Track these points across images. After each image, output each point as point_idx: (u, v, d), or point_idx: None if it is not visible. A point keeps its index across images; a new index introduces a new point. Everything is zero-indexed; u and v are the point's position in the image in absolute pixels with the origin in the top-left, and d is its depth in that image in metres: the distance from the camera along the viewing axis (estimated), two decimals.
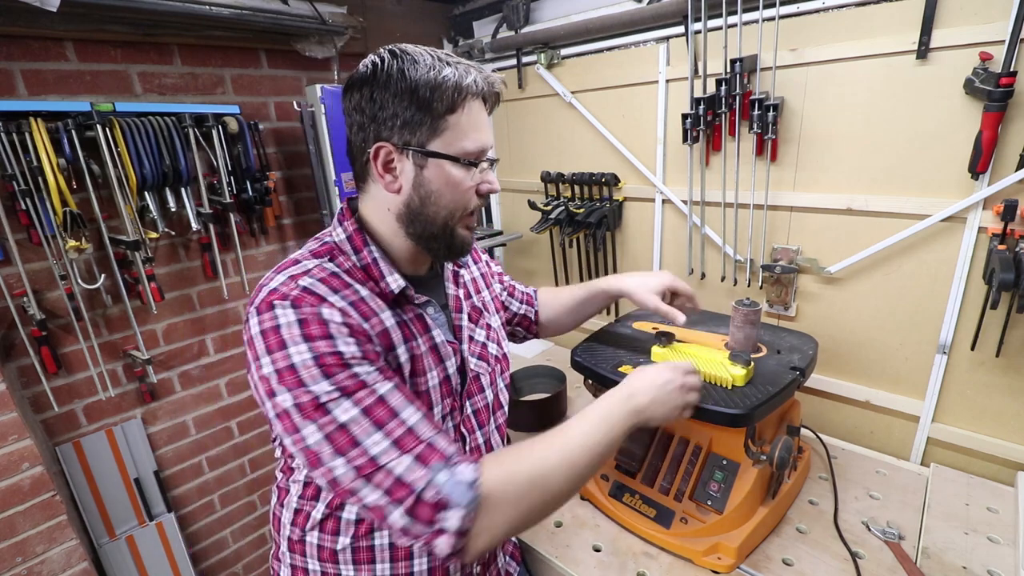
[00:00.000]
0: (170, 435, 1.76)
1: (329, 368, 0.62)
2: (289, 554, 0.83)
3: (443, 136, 0.70)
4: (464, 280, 0.94)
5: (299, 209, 1.94)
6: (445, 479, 0.61)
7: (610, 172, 1.79)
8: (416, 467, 0.61)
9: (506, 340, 1.02)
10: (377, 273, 0.74)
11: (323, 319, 0.64)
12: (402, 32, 2.02)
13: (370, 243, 0.75)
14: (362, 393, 0.63)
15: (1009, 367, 1.19)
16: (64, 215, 1.34)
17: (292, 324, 0.63)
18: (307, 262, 0.72)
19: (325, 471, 0.62)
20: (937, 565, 0.98)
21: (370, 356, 0.66)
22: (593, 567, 1.05)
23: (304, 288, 0.66)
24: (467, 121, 0.70)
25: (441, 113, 0.69)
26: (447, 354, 0.81)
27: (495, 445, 0.92)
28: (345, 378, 0.62)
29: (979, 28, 1.07)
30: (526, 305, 1.19)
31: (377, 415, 0.62)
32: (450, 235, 0.76)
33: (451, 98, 0.68)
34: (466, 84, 0.69)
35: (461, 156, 0.71)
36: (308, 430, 0.61)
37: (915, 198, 1.23)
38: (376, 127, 0.70)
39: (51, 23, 1.30)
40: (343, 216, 0.78)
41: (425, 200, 0.72)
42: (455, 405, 0.83)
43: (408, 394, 0.67)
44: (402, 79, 0.68)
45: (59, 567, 1.42)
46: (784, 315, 1.53)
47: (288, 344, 0.62)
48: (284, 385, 0.62)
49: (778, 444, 1.00)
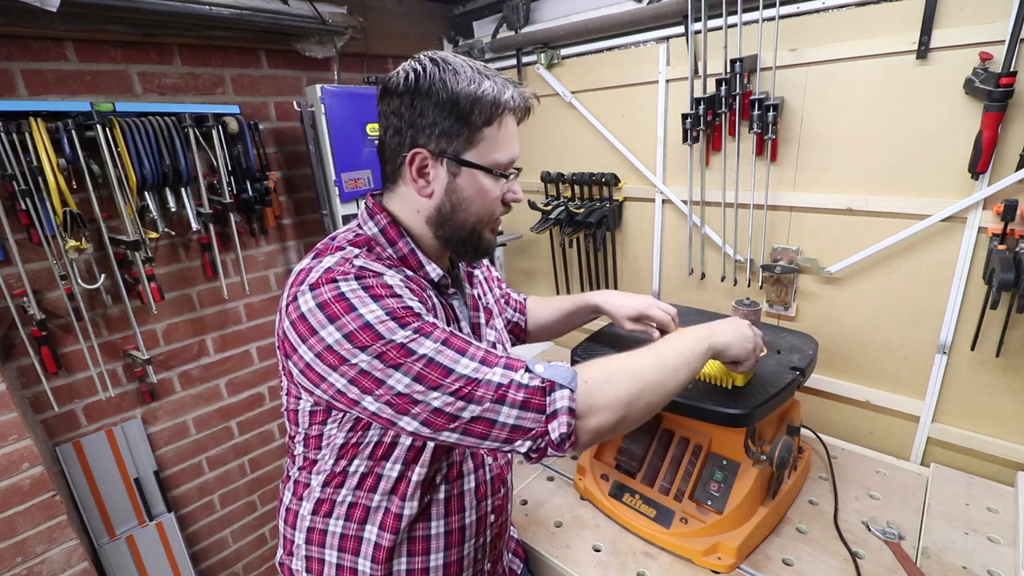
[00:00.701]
0: (170, 435, 1.76)
1: (404, 319, 0.64)
2: (306, 546, 0.83)
3: (479, 147, 0.73)
4: (477, 280, 0.98)
5: (299, 209, 1.94)
6: (543, 369, 0.66)
7: (610, 172, 1.79)
8: (510, 371, 0.65)
9: (508, 343, 1.04)
10: (415, 263, 0.78)
11: (388, 283, 0.68)
12: (402, 32, 2.02)
13: (404, 235, 0.78)
14: (438, 332, 0.66)
15: (1009, 367, 1.19)
16: (64, 215, 1.34)
17: (357, 290, 0.65)
18: (346, 250, 0.73)
19: (420, 410, 0.63)
20: (937, 565, 0.98)
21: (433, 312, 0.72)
22: (593, 567, 1.05)
23: (360, 267, 0.69)
24: (502, 135, 0.74)
25: (479, 125, 0.72)
26: None
27: None
28: (421, 324, 0.65)
29: (979, 28, 1.07)
30: (518, 313, 1.21)
31: (458, 345, 0.66)
32: (477, 239, 0.79)
33: (489, 112, 0.71)
34: (504, 99, 0.72)
35: (493, 167, 0.74)
36: (395, 377, 0.63)
37: (915, 198, 1.23)
38: (414, 133, 0.73)
39: (51, 23, 1.30)
40: (373, 211, 0.79)
41: (456, 206, 0.75)
42: None
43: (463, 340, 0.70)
44: (444, 89, 0.70)
45: (59, 567, 1.42)
46: (784, 315, 1.53)
47: (358, 307, 0.64)
48: (359, 345, 0.63)
49: (778, 444, 1.00)
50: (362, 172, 1.79)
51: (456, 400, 0.63)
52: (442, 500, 0.82)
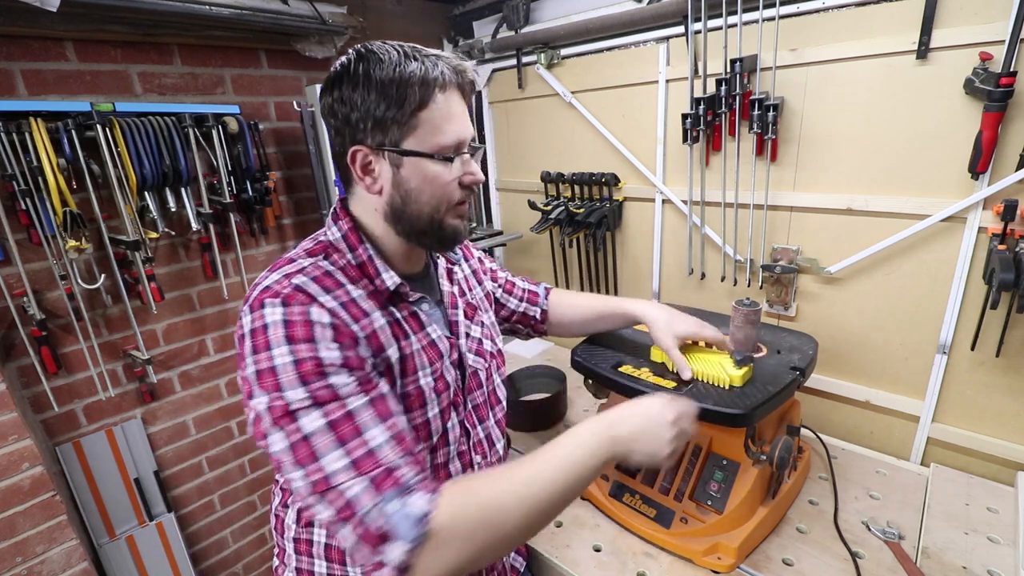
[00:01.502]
0: (170, 435, 1.76)
1: (306, 374, 0.61)
2: (295, 556, 0.83)
3: (416, 133, 0.69)
4: (458, 277, 0.94)
5: (299, 209, 1.94)
6: (395, 509, 0.58)
7: (610, 172, 1.79)
8: (368, 492, 0.59)
9: (499, 336, 1.02)
10: (372, 271, 0.74)
11: (310, 319, 0.63)
12: (402, 32, 2.02)
13: (364, 241, 0.76)
14: (333, 405, 0.61)
15: (1009, 367, 1.19)
16: (64, 215, 1.34)
17: (278, 324, 0.63)
18: (302, 260, 0.72)
19: (286, 480, 0.62)
20: (937, 565, 0.97)
21: (352, 363, 0.65)
22: (593, 567, 1.05)
23: (296, 286, 0.66)
24: (439, 115, 0.69)
25: (412, 110, 0.68)
26: (444, 350, 0.81)
27: (496, 439, 0.94)
28: (320, 387, 0.61)
29: (979, 28, 1.07)
30: (527, 303, 1.16)
31: (342, 431, 0.61)
32: (438, 228, 0.75)
33: (419, 93, 0.67)
34: (432, 77, 0.67)
35: (436, 152, 0.70)
36: (275, 436, 0.61)
37: (915, 198, 1.23)
38: (350, 130, 0.70)
39: (51, 23, 1.30)
40: (337, 216, 0.77)
41: (406, 199, 0.72)
42: (457, 400, 0.84)
43: (385, 408, 0.65)
44: (367, 80, 0.67)
45: (59, 567, 1.42)
46: (784, 315, 1.53)
47: (272, 345, 0.62)
48: (262, 388, 0.62)
49: (778, 444, 1.00)
50: None
51: (312, 492, 0.59)
52: None
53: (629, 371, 1.09)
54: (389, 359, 0.72)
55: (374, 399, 0.65)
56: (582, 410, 1.63)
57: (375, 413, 0.64)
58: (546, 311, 1.17)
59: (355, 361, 0.65)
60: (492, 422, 0.93)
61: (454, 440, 0.83)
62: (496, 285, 1.12)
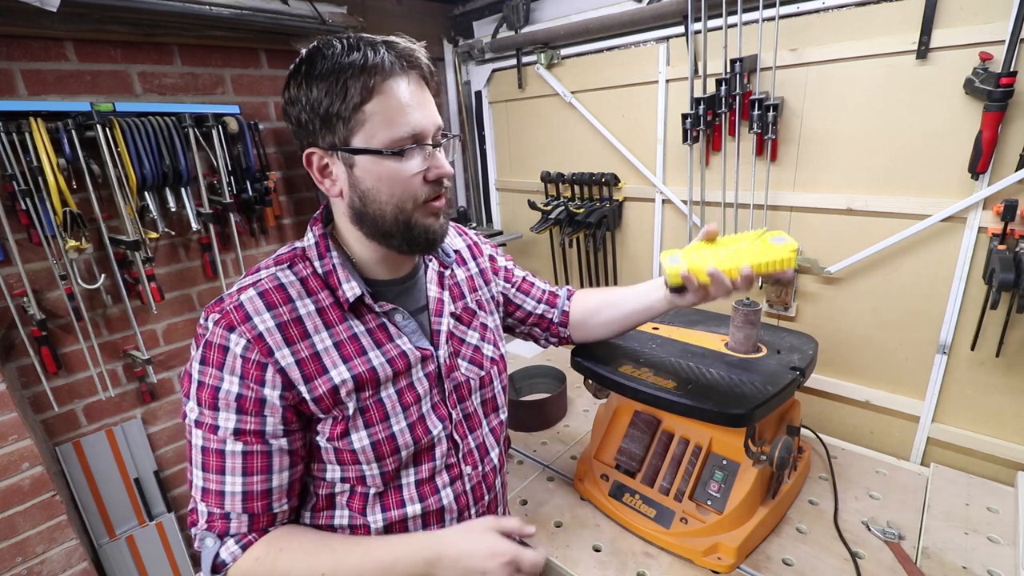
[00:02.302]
0: (170, 435, 1.76)
1: (201, 399, 0.67)
2: None
3: (364, 129, 0.64)
4: (456, 280, 0.89)
5: (299, 209, 1.94)
6: (210, 545, 0.69)
7: (610, 172, 1.79)
8: (204, 517, 0.70)
9: (503, 340, 0.97)
10: (335, 281, 0.72)
11: (226, 346, 0.66)
12: (402, 32, 2.02)
13: (332, 249, 0.73)
14: (212, 436, 0.68)
15: (1009, 367, 1.19)
16: (64, 215, 1.34)
17: (204, 343, 0.68)
18: (264, 271, 0.72)
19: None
20: (937, 565, 0.98)
21: (244, 404, 0.67)
22: (593, 567, 1.05)
23: (239, 303, 0.68)
24: (388, 106, 0.63)
25: (355, 104, 0.62)
26: (415, 361, 0.77)
27: (490, 447, 0.89)
28: (207, 416, 0.67)
29: (979, 28, 1.07)
30: (545, 304, 1.05)
31: (208, 461, 0.68)
32: (406, 228, 0.70)
33: (362, 84, 0.62)
34: (372, 64, 0.61)
35: (387, 147, 0.64)
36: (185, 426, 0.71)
37: (915, 198, 1.23)
38: (303, 132, 0.67)
39: (51, 23, 1.30)
40: (314, 222, 0.76)
41: (364, 199, 0.68)
42: (442, 413, 0.81)
43: (255, 464, 0.68)
44: (310, 76, 0.63)
45: (59, 567, 1.42)
46: (784, 315, 1.53)
47: (194, 358, 0.68)
48: (182, 387, 0.71)
49: (778, 444, 1.00)
50: None
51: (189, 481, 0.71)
52: (419, 515, 0.79)
53: (629, 371, 1.09)
54: (332, 381, 0.70)
55: (248, 452, 0.68)
56: (582, 410, 1.63)
57: (241, 465, 0.68)
58: (567, 312, 1.06)
59: (247, 403, 0.67)
60: (485, 430, 0.89)
61: (441, 455, 0.80)
62: (510, 284, 1.03)
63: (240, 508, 0.69)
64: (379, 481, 0.76)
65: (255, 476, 0.68)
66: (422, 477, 0.79)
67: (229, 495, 0.68)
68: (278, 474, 0.70)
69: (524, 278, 1.06)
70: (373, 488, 0.76)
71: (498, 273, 1.01)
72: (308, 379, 0.69)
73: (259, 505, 0.70)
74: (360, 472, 0.75)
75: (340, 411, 0.71)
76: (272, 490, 0.70)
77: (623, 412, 1.23)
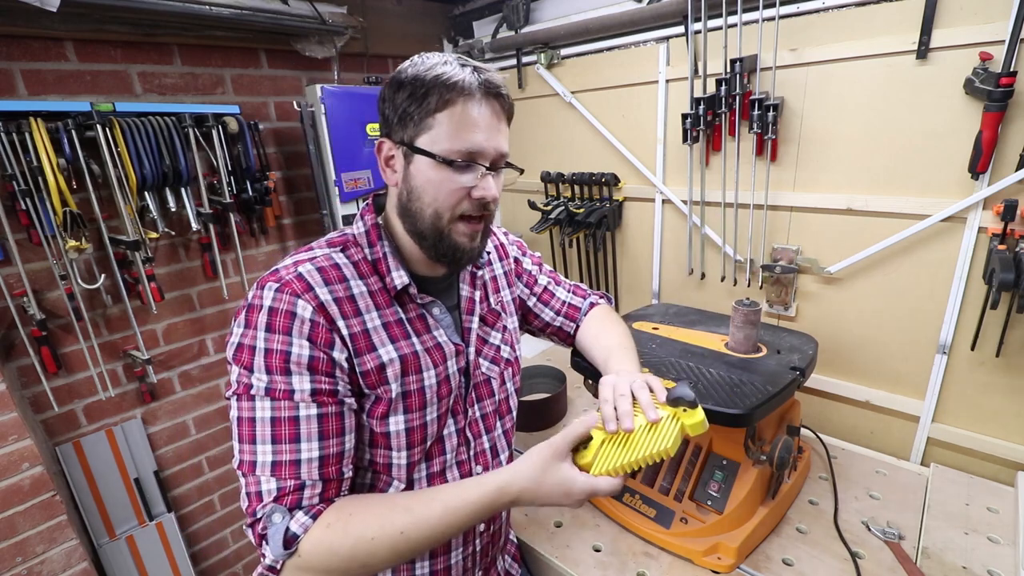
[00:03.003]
0: (170, 435, 1.76)
1: (272, 365, 0.66)
2: None
3: (430, 133, 0.69)
4: (484, 280, 0.91)
5: (299, 209, 1.94)
6: (278, 520, 0.64)
7: (610, 172, 1.79)
8: (271, 494, 0.65)
9: (519, 343, 0.98)
10: (384, 268, 0.76)
11: (293, 311, 0.67)
12: (402, 32, 2.02)
13: (384, 238, 0.77)
14: (284, 403, 0.66)
15: (1009, 367, 1.19)
16: (64, 215, 1.34)
17: (267, 310, 0.67)
18: (319, 250, 0.75)
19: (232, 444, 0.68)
20: (937, 565, 0.97)
21: (316, 365, 0.67)
22: (593, 567, 1.05)
23: (299, 274, 0.69)
24: (457, 120, 0.69)
25: (431, 110, 0.68)
26: (450, 354, 0.80)
27: (500, 450, 0.91)
28: (280, 382, 0.66)
29: (979, 28, 1.07)
30: (563, 318, 1.06)
31: (281, 430, 0.66)
32: (439, 236, 0.73)
33: (441, 94, 0.68)
34: (455, 81, 0.67)
35: (444, 154, 0.69)
36: (235, 404, 0.68)
37: (915, 198, 1.23)
38: (386, 125, 0.74)
39: (51, 23, 1.30)
40: (365, 211, 0.80)
41: (411, 194, 0.73)
42: (457, 408, 0.83)
43: (330, 427, 0.68)
44: (401, 78, 0.70)
45: (59, 567, 1.42)
46: (784, 315, 1.53)
47: (257, 326, 0.67)
48: (237, 360, 0.67)
49: (778, 444, 1.00)
50: (362, 172, 1.79)
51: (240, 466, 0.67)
52: None
53: None
54: (380, 359, 0.73)
55: (324, 414, 0.68)
56: (582, 410, 1.63)
57: (318, 428, 0.67)
58: (580, 327, 1.07)
59: (320, 364, 0.68)
60: (499, 432, 0.91)
61: (451, 449, 0.82)
62: (531, 292, 1.04)
63: (317, 474, 0.67)
64: (403, 472, 0.77)
65: (331, 439, 0.68)
66: (434, 471, 0.81)
67: (305, 462, 0.66)
68: (350, 434, 0.71)
69: (546, 287, 1.06)
70: (396, 481, 0.78)
71: (521, 277, 1.03)
72: (359, 353, 0.71)
73: (334, 470, 0.69)
74: (388, 459, 0.76)
75: (385, 391, 0.73)
76: (345, 452, 0.70)
77: None
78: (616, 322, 1.05)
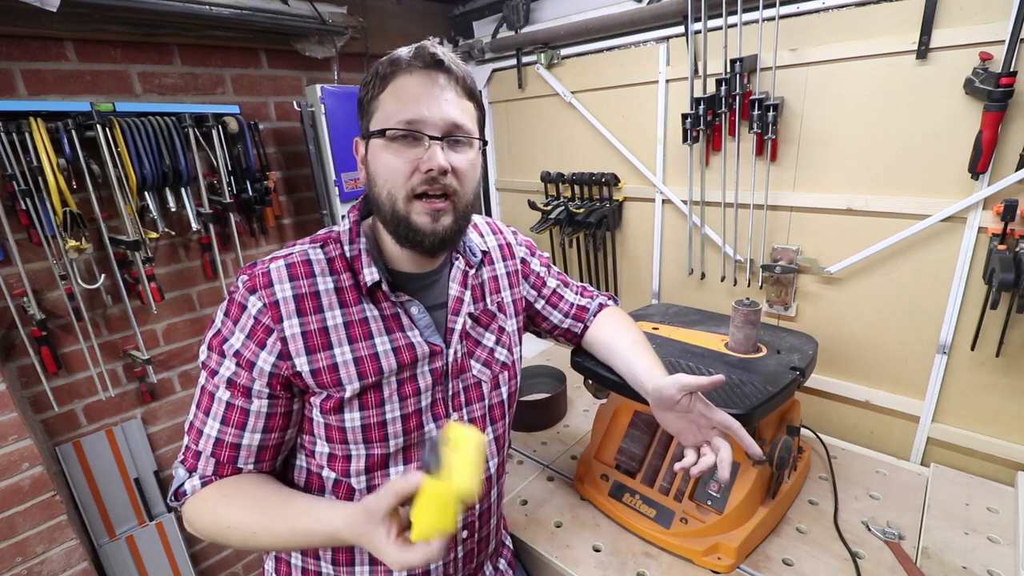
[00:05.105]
0: (170, 435, 1.76)
1: (212, 343, 0.74)
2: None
3: (377, 115, 0.72)
4: (480, 280, 0.88)
5: (299, 209, 1.94)
6: (181, 475, 0.75)
7: (610, 172, 1.79)
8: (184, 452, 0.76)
9: (518, 346, 0.96)
10: (359, 265, 0.76)
11: (244, 306, 0.72)
12: (402, 32, 2.02)
13: (361, 235, 0.77)
14: (211, 380, 0.74)
15: (1009, 367, 1.19)
16: (64, 215, 1.34)
17: (229, 299, 0.74)
18: (298, 247, 0.77)
19: None
20: (937, 565, 0.98)
21: (241, 361, 0.72)
22: (593, 567, 1.05)
23: (267, 271, 0.73)
24: (395, 96, 0.70)
25: (376, 94, 0.71)
26: (423, 355, 0.77)
27: (489, 456, 0.88)
28: (212, 359, 0.74)
29: (979, 28, 1.07)
30: (572, 319, 1.05)
31: (202, 400, 0.75)
32: (398, 219, 0.72)
33: (383, 76, 0.71)
34: (393, 59, 0.70)
35: (387, 128, 0.69)
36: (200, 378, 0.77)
37: (915, 198, 1.23)
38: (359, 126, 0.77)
39: (51, 23, 1.30)
40: (352, 209, 0.81)
41: (371, 181, 0.74)
42: (439, 411, 0.81)
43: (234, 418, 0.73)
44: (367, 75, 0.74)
45: (59, 567, 1.42)
46: (784, 315, 1.53)
47: (221, 309, 0.74)
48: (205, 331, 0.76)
49: (778, 444, 1.00)
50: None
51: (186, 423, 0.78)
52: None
53: None
54: (334, 358, 0.73)
55: (230, 404, 0.73)
56: (582, 410, 1.63)
57: (223, 413, 0.73)
58: (588, 327, 1.06)
59: (242, 359, 0.72)
60: (490, 438, 0.88)
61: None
62: (538, 295, 1.02)
63: (209, 451, 0.74)
64: (363, 465, 0.77)
65: (230, 428, 0.73)
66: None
67: (205, 436, 0.74)
68: (249, 434, 0.74)
69: (555, 290, 1.04)
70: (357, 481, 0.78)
71: (528, 278, 1.00)
72: (311, 351, 0.72)
73: (226, 455, 0.74)
74: (347, 452, 0.76)
75: (338, 390, 0.73)
76: (240, 447, 0.74)
77: (623, 412, 1.23)
78: (629, 322, 1.05)
